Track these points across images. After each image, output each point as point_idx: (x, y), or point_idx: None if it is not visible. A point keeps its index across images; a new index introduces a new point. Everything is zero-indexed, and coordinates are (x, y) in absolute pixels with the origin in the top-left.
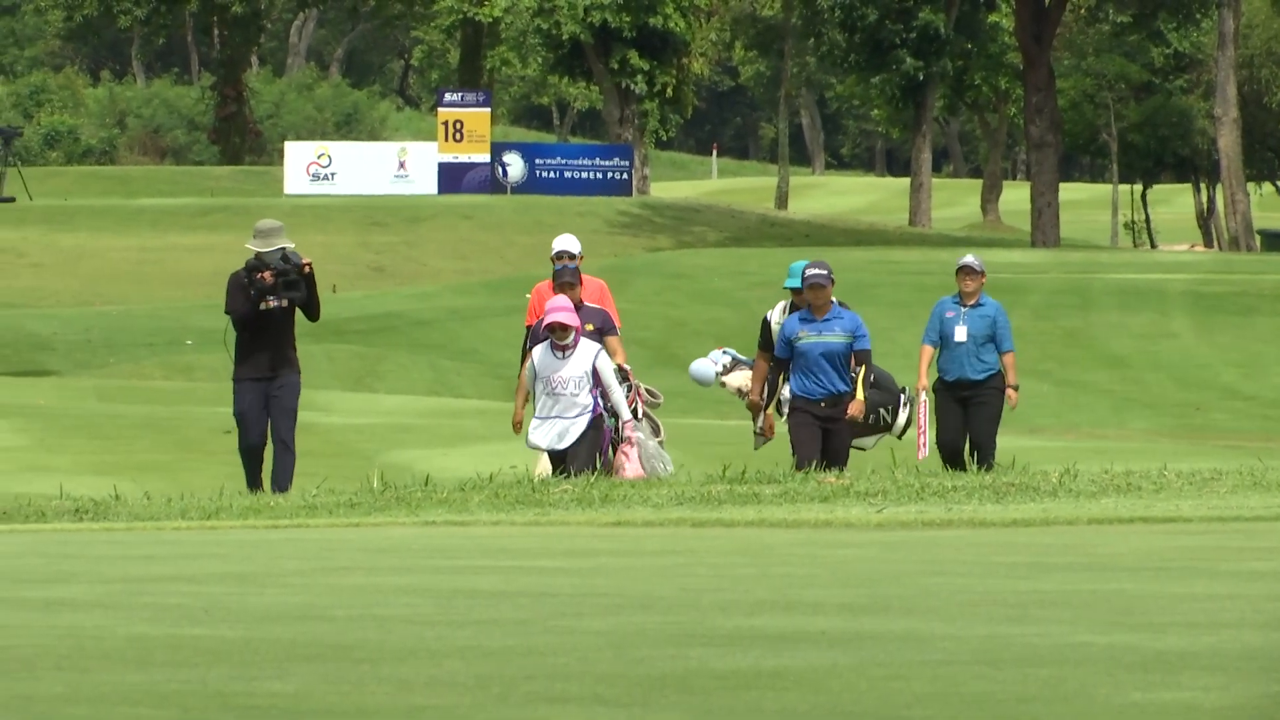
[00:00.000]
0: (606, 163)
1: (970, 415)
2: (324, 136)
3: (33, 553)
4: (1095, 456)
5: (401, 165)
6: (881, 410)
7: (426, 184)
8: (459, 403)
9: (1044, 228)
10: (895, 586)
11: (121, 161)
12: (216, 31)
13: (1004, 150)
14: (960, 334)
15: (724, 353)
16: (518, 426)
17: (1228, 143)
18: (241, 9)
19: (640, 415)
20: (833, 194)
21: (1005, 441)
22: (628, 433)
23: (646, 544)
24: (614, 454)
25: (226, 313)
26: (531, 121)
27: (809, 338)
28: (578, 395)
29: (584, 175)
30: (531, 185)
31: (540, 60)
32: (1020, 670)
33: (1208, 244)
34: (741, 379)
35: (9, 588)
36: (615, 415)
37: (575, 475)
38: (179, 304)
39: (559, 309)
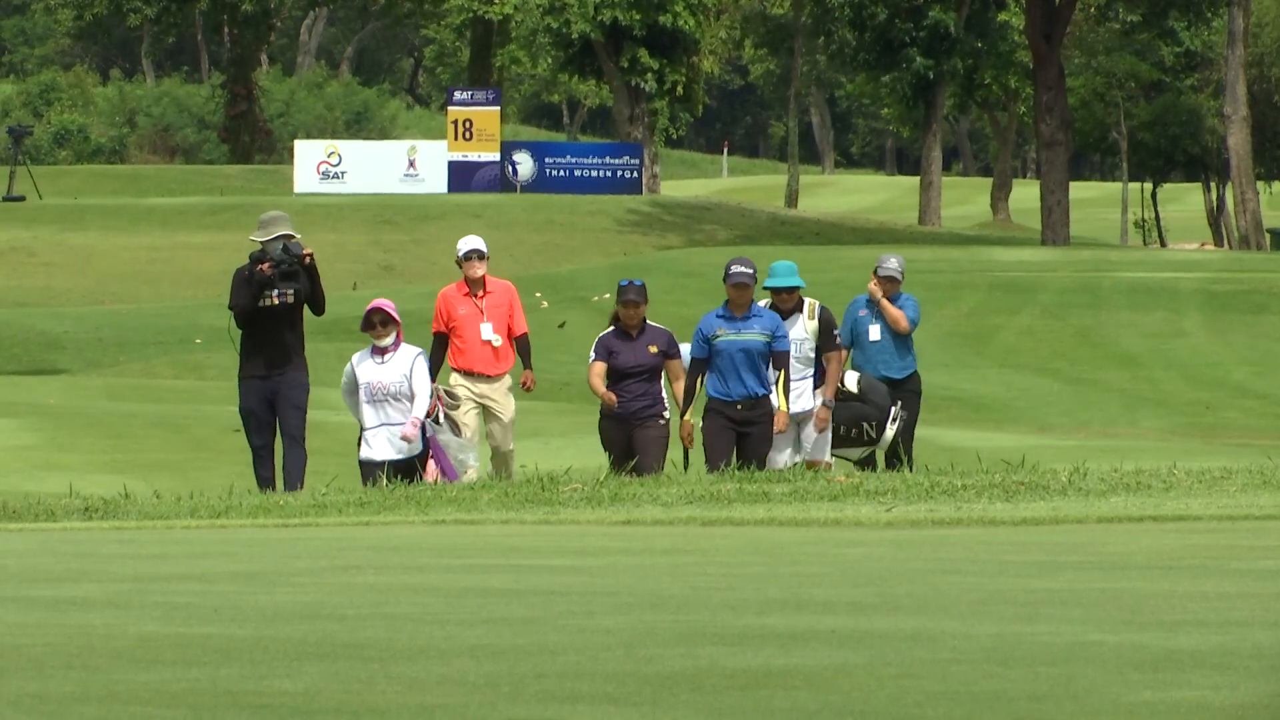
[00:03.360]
0: (616, 161)
1: None
2: (334, 135)
3: (43, 551)
4: (1105, 455)
5: (411, 164)
6: (865, 425)
7: (436, 183)
8: None
9: (1054, 226)
10: (905, 585)
11: (131, 160)
12: (226, 30)
13: (1014, 149)
14: (874, 333)
15: None
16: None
17: (1237, 141)
18: (251, 7)
19: (441, 420)
20: (843, 192)
21: (1016, 440)
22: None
23: (656, 543)
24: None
25: (229, 308)
26: (541, 120)
27: (726, 336)
28: (400, 401)
29: (594, 174)
30: (541, 184)
31: (550, 59)
32: (1031, 669)
33: (1218, 242)
34: None
35: (19, 586)
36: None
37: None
38: (189, 303)
39: (383, 302)
